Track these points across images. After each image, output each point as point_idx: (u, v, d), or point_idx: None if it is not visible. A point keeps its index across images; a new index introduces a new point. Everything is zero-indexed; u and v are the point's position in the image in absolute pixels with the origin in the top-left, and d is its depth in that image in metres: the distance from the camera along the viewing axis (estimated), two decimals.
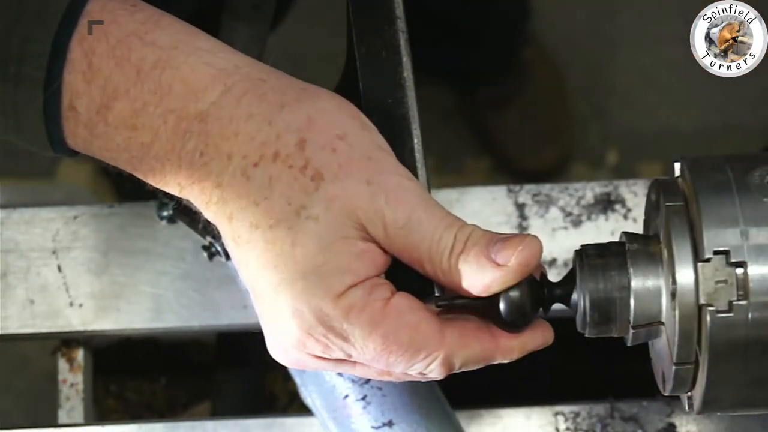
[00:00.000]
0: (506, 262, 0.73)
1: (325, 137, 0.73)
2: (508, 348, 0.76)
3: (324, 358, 0.75)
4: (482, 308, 0.75)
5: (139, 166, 0.75)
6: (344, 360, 0.75)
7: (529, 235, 0.74)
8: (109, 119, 0.74)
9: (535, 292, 0.76)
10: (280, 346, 0.75)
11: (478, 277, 0.73)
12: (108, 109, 0.74)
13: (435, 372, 0.74)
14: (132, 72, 0.73)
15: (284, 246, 0.72)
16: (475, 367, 0.76)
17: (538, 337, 0.77)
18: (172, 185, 0.75)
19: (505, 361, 0.76)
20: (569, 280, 0.77)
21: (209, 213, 0.75)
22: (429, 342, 0.73)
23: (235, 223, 0.73)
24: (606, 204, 1.09)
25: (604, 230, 1.08)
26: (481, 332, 0.75)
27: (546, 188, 1.09)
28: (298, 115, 0.73)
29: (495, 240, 0.74)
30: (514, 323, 0.75)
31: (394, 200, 0.73)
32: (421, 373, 0.75)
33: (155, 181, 0.76)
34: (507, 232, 0.75)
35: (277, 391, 1.33)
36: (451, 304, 0.75)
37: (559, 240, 1.07)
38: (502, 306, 0.74)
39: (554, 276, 0.87)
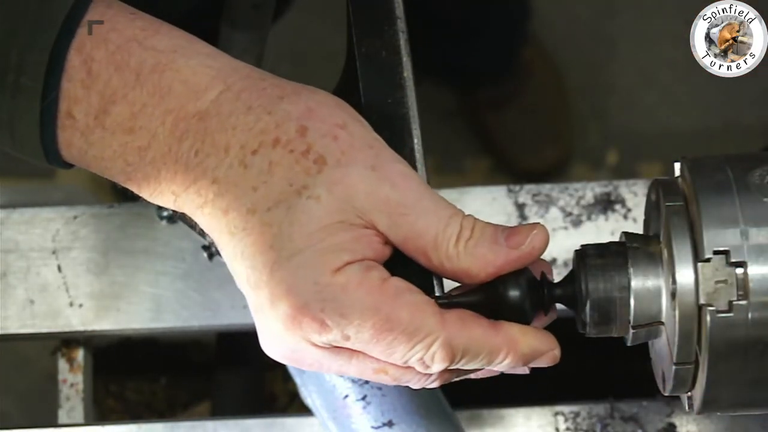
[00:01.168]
0: (518, 246, 0.73)
1: (325, 126, 0.73)
2: (511, 337, 0.74)
3: (319, 347, 0.73)
4: (481, 307, 0.75)
5: (133, 175, 0.74)
6: (341, 348, 0.73)
7: (538, 223, 0.74)
8: (107, 123, 0.73)
9: (535, 292, 0.76)
10: (274, 333, 0.73)
11: (487, 260, 0.73)
12: (106, 113, 0.73)
13: (437, 358, 0.73)
14: (131, 76, 0.73)
15: (282, 226, 0.71)
16: (477, 361, 0.74)
17: (543, 338, 0.76)
18: (166, 195, 0.74)
19: (509, 362, 0.75)
20: (569, 281, 0.77)
21: (204, 217, 0.73)
22: (429, 321, 0.72)
23: (231, 214, 0.72)
24: (606, 204, 1.09)
25: (604, 230, 1.08)
26: (481, 319, 0.74)
27: (546, 188, 1.09)
28: (298, 105, 0.73)
29: (502, 228, 0.74)
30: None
31: (401, 186, 0.73)
32: (422, 361, 0.73)
33: (150, 192, 0.75)
34: None
35: (277, 391, 1.33)
36: (451, 302, 0.75)
37: (559, 240, 1.07)
38: (501, 306, 0.74)
39: (554, 276, 0.87)
